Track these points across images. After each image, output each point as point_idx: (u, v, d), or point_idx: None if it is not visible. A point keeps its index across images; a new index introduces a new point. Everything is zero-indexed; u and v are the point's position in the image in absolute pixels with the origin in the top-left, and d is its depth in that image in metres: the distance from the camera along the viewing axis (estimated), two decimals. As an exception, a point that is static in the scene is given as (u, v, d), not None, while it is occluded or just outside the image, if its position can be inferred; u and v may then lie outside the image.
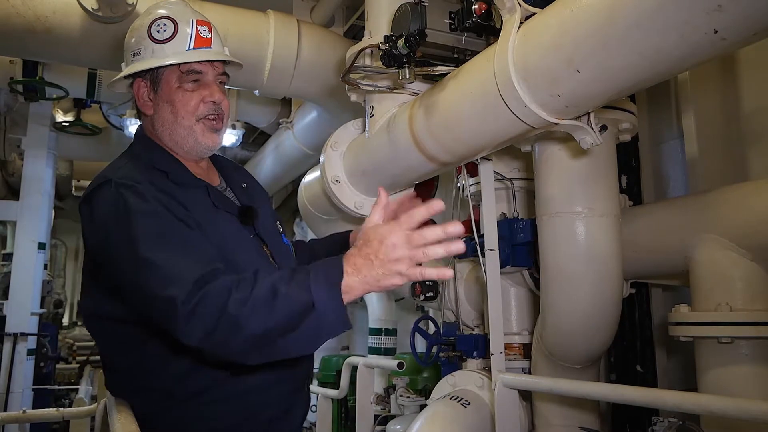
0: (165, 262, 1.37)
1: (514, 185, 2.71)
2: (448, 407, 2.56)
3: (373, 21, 2.53)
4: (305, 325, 1.27)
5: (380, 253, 1.27)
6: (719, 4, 1.14)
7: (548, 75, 1.57)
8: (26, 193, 6.09)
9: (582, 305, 2.19)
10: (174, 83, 1.67)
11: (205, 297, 1.30)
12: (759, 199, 2.06)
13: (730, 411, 1.54)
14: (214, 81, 1.71)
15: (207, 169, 1.80)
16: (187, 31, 1.68)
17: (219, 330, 1.28)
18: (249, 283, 1.32)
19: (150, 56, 1.67)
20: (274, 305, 1.28)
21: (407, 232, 1.28)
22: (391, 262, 1.26)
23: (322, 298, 1.27)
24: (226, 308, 1.28)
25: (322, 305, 1.27)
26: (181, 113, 1.67)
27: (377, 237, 1.29)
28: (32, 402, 5.77)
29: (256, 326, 1.28)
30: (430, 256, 1.28)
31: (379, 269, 1.27)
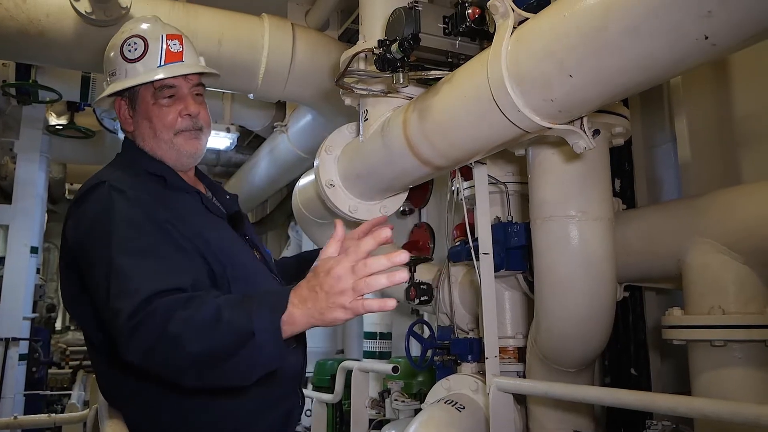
0: (129, 272, 1.36)
1: (508, 189, 2.71)
2: (442, 411, 2.56)
3: (368, 25, 2.54)
4: (242, 354, 1.25)
5: (325, 284, 1.25)
6: (709, 10, 1.14)
7: (541, 80, 1.58)
8: (19, 196, 6.07)
9: (576, 309, 2.19)
10: (150, 100, 1.71)
11: (151, 314, 1.28)
12: (750, 202, 2.07)
13: (723, 414, 1.54)
14: (189, 94, 1.74)
15: (194, 181, 1.84)
16: (157, 47, 1.71)
17: (158, 348, 1.27)
18: (198, 303, 1.30)
19: (124, 76, 1.71)
20: (216, 328, 1.25)
21: (352, 263, 1.26)
22: (335, 294, 1.24)
23: (262, 327, 1.24)
24: (168, 326, 1.26)
25: (260, 335, 1.24)
26: (159, 128, 1.70)
27: (324, 269, 1.28)
28: (24, 407, 5.75)
29: (194, 347, 1.25)
30: (373, 287, 1.25)
31: (323, 301, 1.26)
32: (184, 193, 1.69)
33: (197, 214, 1.64)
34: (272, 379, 1.55)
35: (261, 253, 1.80)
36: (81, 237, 1.52)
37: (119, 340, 1.31)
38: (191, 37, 3.19)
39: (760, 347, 1.99)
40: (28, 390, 5.98)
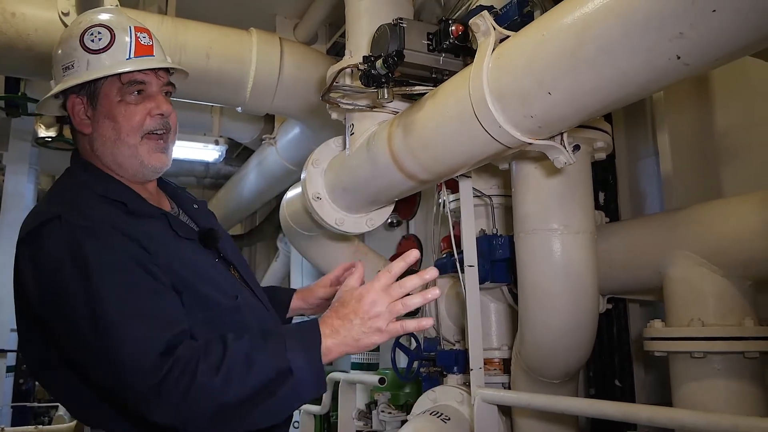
0: (129, 328, 1.24)
1: (493, 202, 2.74)
2: (428, 422, 2.57)
3: (354, 41, 2.57)
4: (282, 392, 1.23)
5: (359, 311, 1.27)
6: (681, 32, 1.18)
7: (521, 96, 1.61)
8: (7, 208, 6.07)
9: (558, 320, 2.21)
10: (114, 96, 1.51)
11: (174, 367, 1.21)
12: (730, 216, 2.10)
13: (700, 425, 1.57)
14: (159, 92, 1.57)
15: (156, 193, 1.67)
16: (126, 38, 1.53)
17: (189, 403, 1.20)
18: (219, 349, 1.24)
19: (85, 68, 1.51)
20: (249, 374, 1.22)
21: (384, 286, 1.29)
22: (370, 319, 1.26)
23: (299, 364, 1.23)
24: (196, 378, 1.20)
25: (299, 372, 1.23)
26: (125, 129, 1.51)
27: (354, 296, 1.29)
28: (11, 419, 5.71)
29: (230, 396, 1.21)
30: (409, 307, 1.29)
31: (358, 328, 1.27)
32: (148, 219, 1.50)
33: (163, 242, 1.46)
34: None
35: (239, 272, 1.66)
36: (48, 289, 1.32)
37: (141, 404, 1.22)
38: (180, 51, 3.26)
39: (739, 359, 2.02)
40: (16, 402, 5.95)
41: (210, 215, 1.80)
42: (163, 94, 1.59)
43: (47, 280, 1.32)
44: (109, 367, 1.25)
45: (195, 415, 1.22)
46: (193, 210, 1.73)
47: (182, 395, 1.19)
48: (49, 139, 6.04)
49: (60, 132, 5.96)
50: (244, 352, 1.24)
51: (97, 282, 1.27)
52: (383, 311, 1.27)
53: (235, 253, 1.74)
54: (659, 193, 3.08)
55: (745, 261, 2.04)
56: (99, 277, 1.27)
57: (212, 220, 1.77)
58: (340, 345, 1.28)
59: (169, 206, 1.68)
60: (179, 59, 3.22)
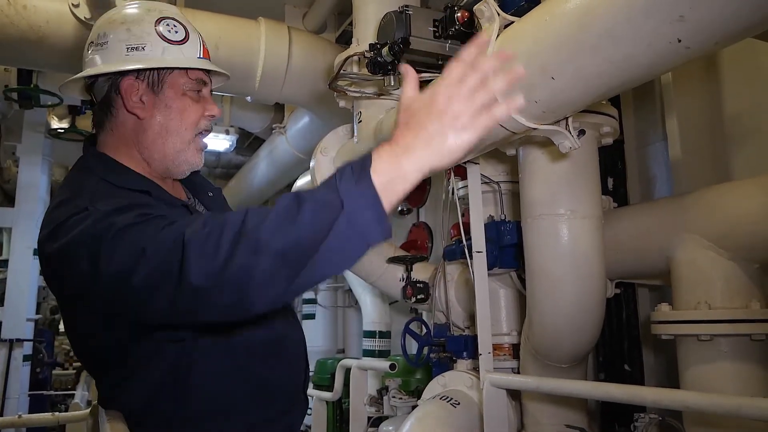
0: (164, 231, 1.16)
1: (501, 188, 2.75)
2: (438, 407, 2.60)
3: (361, 29, 2.58)
4: (335, 231, 1.02)
5: (433, 113, 1.03)
6: (681, 15, 1.19)
7: (525, 82, 1.62)
8: (21, 199, 6.13)
9: (566, 305, 2.23)
10: (179, 89, 1.54)
11: (215, 226, 1.09)
12: (736, 199, 2.11)
13: (704, 406, 1.58)
14: (209, 96, 1.61)
15: (173, 185, 1.66)
16: (196, 38, 1.57)
17: (238, 254, 1.05)
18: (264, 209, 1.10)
19: (160, 54, 1.51)
20: (298, 214, 1.04)
21: (459, 78, 1.05)
22: (453, 119, 1.03)
23: (351, 194, 1.02)
24: (244, 228, 1.06)
25: (351, 202, 1.02)
26: (185, 124, 1.53)
27: (424, 101, 1.05)
28: (28, 407, 5.81)
29: (279, 241, 1.03)
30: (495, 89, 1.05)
31: (436, 129, 1.03)
32: (170, 207, 1.48)
33: None
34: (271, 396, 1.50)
35: None
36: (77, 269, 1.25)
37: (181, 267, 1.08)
38: (188, 42, 3.26)
39: (746, 341, 2.03)
40: (33, 390, 6.05)
41: (224, 202, 1.80)
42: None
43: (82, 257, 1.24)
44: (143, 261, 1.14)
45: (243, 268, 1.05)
46: (208, 199, 1.73)
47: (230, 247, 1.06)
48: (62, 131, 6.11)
49: (73, 123, 6.03)
50: (294, 195, 1.08)
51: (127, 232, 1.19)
52: (464, 105, 1.03)
53: None
54: (668, 178, 3.08)
55: (752, 244, 2.05)
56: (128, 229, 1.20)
57: (225, 209, 1.76)
58: (414, 158, 1.03)
59: (185, 197, 1.68)
60: (189, 49, 3.23)
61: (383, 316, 4.81)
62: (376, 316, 4.79)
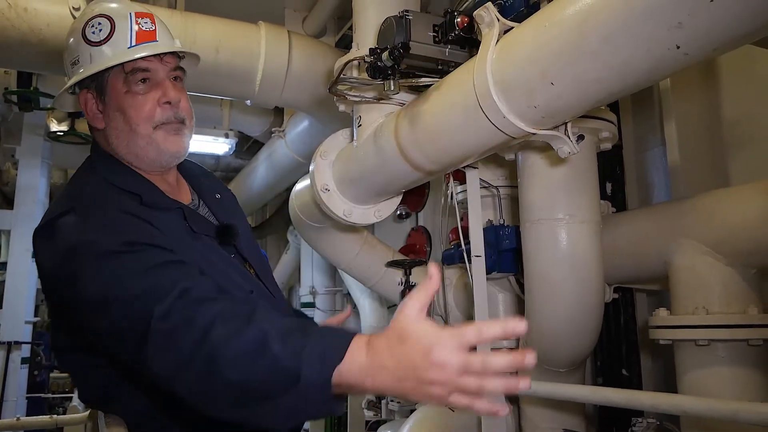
0: (142, 277, 1.20)
1: (500, 193, 2.77)
2: (435, 411, 2.61)
3: (361, 33, 2.59)
4: (283, 399, 1.06)
5: (420, 368, 0.98)
6: (680, 21, 1.20)
7: (525, 87, 1.63)
8: (20, 202, 6.12)
9: (564, 309, 2.24)
10: (121, 87, 1.47)
11: (190, 319, 1.11)
12: (734, 205, 2.12)
13: (702, 411, 1.60)
14: (166, 78, 1.51)
15: (177, 184, 1.63)
16: (126, 26, 1.47)
17: (195, 362, 1.09)
18: (241, 319, 1.12)
19: (88, 62, 1.48)
20: (258, 359, 1.06)
21: (464, 346, 0.98)
22: (430, 384, 0.99)
23: (312, 374, 1.03)
24: (207, 337, 1.08)
25: (308, 382, 1.03)
26: (135, 120, 1.47)
27: (421, 345, 0.98)
28: (26, 410, 5.78)
29: (234, 373, 1.07)
30: (488, 392, 0.97)
31: (409, 382, 1.00)
32: (163, 211, 1.46)
33: (177, 236, 1.42)
34: None
35: (254, 268, 1.60)
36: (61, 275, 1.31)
37: (145, 349, 1.13)
38: (189, 45, 3.28)
39: (743, 346, 2.04)
40: (31, 393, 6.03)
41: (233, 205, 1.76)
42: (171, 80, 1.53)
43: (61, 267, 1.31)
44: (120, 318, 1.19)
45: (197, 378, 1.10)
46: (215, 201, 1.68)
47: (190, 351, 1.09)
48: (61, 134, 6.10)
49: (72, 126, 6.02)
50: (263, 333, 1.08)
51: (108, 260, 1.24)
52: (450, 381, 0.97)
53: (253, 249, 1.67)
54: (666, 183, 3.09)
55: (750, 249, 2.06)
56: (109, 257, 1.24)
57: (234, 212, 1.73)
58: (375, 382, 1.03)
59: (190, 198, 1.64)
60: (189, 53, 3.24)
61: (381, 320, 4.80)
62: (374, 319, 4.79)
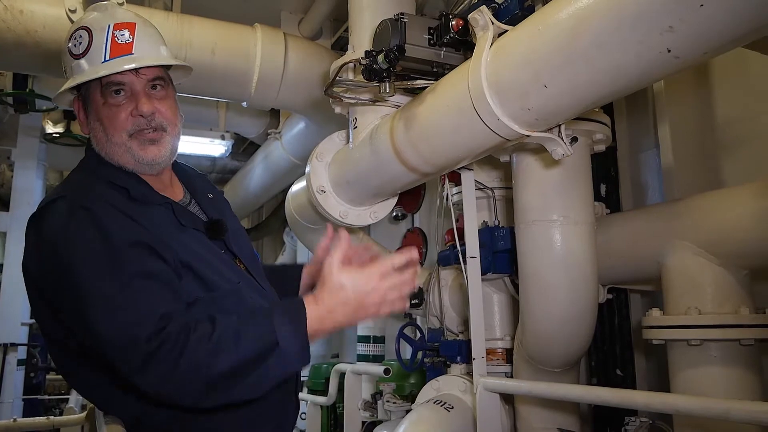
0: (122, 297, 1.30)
1: (495, 194, 2.78)
2: (431, 411, 2.62)
3: (356, 36, 2.60)
4: (269, 363, 1.30)
5: (363, 296, 1.40)
6: (670, 26, 1.21)
7: (518, 89, 1.64)
8: (16, 204, 6.13)
9: (558, 310, 2.25)
10: (99, 99, 1.54)
11: (165, 341, 1.26)
12: (727, 206, 2.14)
13: (695, 410, 1.61)
14: (141, 90, 1.54)
15: (170, 182, 1.70)
16: (102, 39, 1.50)
17: (180, 373, 1.26)
18: (208, 324, 1.31)
19: (71, 74, 1.54)
20: (238, 346, 1.28)
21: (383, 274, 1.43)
22: (367, 306, 1.41)
23: (285, 336, 1.31)
24: (186, 349, 1.26)
25: (285, 343, 1.31)
26: (110, 130, 1.53)
27: (351, 279, 1.41)
28: (22, 412, 5.78)
29: (220, 367, 1.27)
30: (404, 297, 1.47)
31: (357, 312, 1.41)
32: (152, 205, 1.54)
33: (166, 229, 1.50)
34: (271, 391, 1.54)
35: (245, 263, 1.67)
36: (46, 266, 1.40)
37: (133, 370, 1.27)
38: (185, 47, 3.29)
39: (735, 346, 2.06)
40: (27, 395, 6.03)
41: (224, 206, 1.82)
42: (147, 90, 1.56)
43: (46, 256, 1.39)
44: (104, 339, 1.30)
45: (186, 385, 1.28)
46: (207, 200, 1.74)
47: (173, 365, 1.25)
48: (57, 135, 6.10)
49: (68, 128, 6.02)
50: (233, 326, 1.31)
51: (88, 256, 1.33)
52: (377, 301, 1.41)
53: (244, 246, 1.74)
54: (660, 184, 3.11)
55: (742, 250, 2.08)
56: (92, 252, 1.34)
57: (225, 211, 1.78)
58: (333, 321, 1.38)
59: (182, 196, 1.70)
60: (185, 55, 3.26)
61: (377, 321, 4.82)
62: (370, 320, 4.80)
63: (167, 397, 1.32)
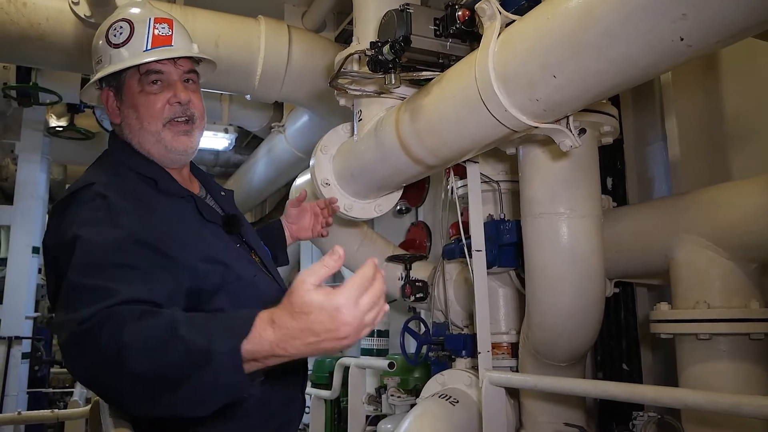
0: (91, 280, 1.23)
1: (500, 187, 2.76)
2: (436, 405, 2.61)
3: (361, 27, 2.58)
4: (198, 378, 1.08)
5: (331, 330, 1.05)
6: (684, 13, 1.19)
7: (526, 80, 1.62)
8: (20, 197, 6.12)
9: (565, 304, 2.23)
10: (136, 87, 1.60)
11: (105, 321, 1.13)
12: (735, 199, 2.11)
13: (705, 404, 1.59)
14: (178, 80, 1.63)
15: (189, 178, 1.75)
16: (144, 30, 1.60)
17: (104, 363, 1.12)
18: (155, 316, 1.15)
19: (108, 63, 1.61)
20: (167, 345, 1.09)
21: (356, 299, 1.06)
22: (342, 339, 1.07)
23: (220, 350, 1.07)
24: (117, 337, 1.10)
25: (219, 357, 1.07)
26: (146, 118, 1.59)
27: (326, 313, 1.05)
28: (27, 405, 5.79)
29: (140, 365, 1.09)
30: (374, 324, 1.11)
31: (322, 343, 1.07)
32: (176, 198, 1.58)
33: (188, 222, 1.53)
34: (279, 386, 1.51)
35: (260, 257, 1.71)
36: (59, 240, 1.38)
37: (63, 351, 1.19)
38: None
39: (744, 340, 2.04)
40: (31, 388, 6.04)
41: (234, 203, 1.88)
42: (182, 82, 1.64)
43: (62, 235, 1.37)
44: (61, 311, 1.26)
45: (110, 379, 1.14)
46: (221, 197, 1.80)
47: (98, 352, 1.13)
48: (61, 129, 6.10)
49: (71, 121, 6.02)
50: (170, 322, 1.13)
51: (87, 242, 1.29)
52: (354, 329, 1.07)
53: (257, 240, 1.80)
54: (667, 178, 3.09)
55: (751, 244, 2.06)
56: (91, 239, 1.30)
57: (236, 209, 1.84)
58: (291, 349, 1.08)
59: (199, 191, 1.76)
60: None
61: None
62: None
63: (95, 388, 1.23)
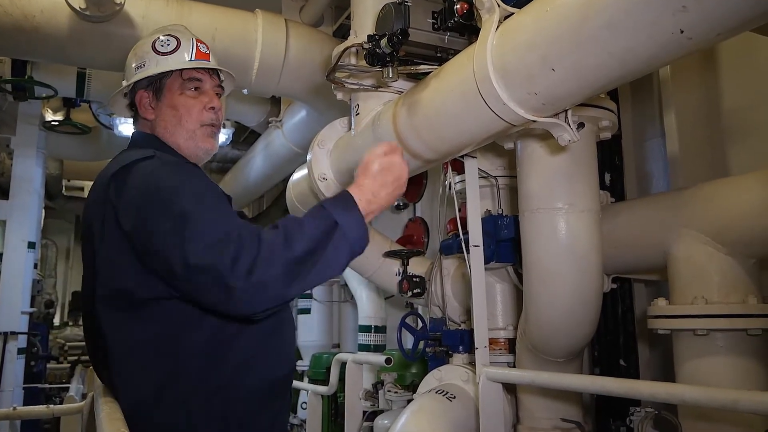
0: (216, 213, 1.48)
1: (498, 182, 2.75)
2: (433, 401, 2.60)
3: (359, 20, 2.57)
4: (335, 241, 1.44)
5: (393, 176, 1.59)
6: (684, 5, 1.18)
7: (525, 73, 1.61)
8: (15, 192, 6.08)
9: (563, 299, 2.23)
10: (177, 90, 1.81)
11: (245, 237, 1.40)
12: (733, 195, 2.11)
13: (702, 400, 1.58)
14: (213, 90, 1.86)
15: None
16: (189, 45, 1.86)
17: (263, 263, 1.37)
18: (270, 228, 1.46)
19: (154, 66, 1.82)
20: (303, 232, 1.42)
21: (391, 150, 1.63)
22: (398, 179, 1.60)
23: (343, 218, 1.46)
24: (262, 243, 1.39)
25: (345, 223, 1.45)
26: (185, 118, 1.80)
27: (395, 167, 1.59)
28: (23, 401, 5.78)
29: (295, 251, 1.39)
30: None
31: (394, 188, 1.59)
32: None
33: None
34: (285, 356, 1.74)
35: None
36: (144, 191, 1.53)
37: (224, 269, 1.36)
38: (184, 33, 3.24)
39: (742, 336, 2.03)
40: (27, 384, 6.02)
41: None
42: (215, 92, 1.87)
43: (143, 192, 1.52)
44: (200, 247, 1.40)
45: (270, 273, 1.38)
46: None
47: (256, 257, 1.38)
48: (57, 123, 6.08)
49: (67, 116, 5.99)
50: (293, 221, 1.46)
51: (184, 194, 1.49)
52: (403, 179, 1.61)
53: None
54: (666, 173, 3.08)
55: (749, 239, 2.05)
56: (186, 191, 1.50)
57: None
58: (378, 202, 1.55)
59: None
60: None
61: (379, 311, 4.80)
62: (371, 310, 4.78)
63: (257, 291, 1.39)
